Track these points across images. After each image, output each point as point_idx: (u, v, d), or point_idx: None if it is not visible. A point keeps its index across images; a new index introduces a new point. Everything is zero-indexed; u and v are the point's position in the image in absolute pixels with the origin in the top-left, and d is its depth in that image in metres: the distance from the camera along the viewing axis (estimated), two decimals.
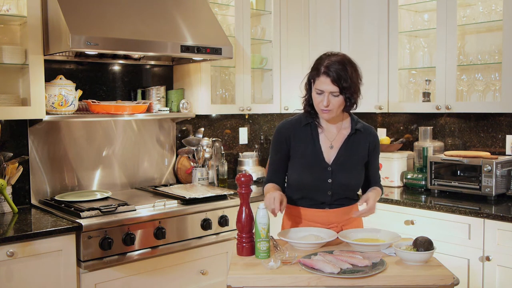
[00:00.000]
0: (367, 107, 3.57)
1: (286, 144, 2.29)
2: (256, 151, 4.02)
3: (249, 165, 3.83)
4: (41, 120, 2.84)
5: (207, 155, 3.47)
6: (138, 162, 3.46)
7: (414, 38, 3.80)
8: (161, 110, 3.32)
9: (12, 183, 2.84)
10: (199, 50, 2.96)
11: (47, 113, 2.82)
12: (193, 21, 3.10)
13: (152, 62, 3.48)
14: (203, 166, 3.50)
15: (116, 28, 2.72)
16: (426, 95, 3.67)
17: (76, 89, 2.95)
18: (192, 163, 3.54)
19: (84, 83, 3.19)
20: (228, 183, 3.67)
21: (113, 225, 2.62)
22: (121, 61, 3.32)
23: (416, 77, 3.81)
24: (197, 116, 3.60)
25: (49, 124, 3.07)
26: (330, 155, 2.26)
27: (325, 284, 1.79)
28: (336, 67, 2.10)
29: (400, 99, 3.76)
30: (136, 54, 3.21)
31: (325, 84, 2.12)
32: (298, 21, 3.86)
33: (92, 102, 3.04)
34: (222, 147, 3.68)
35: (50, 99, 2.83)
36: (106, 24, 2.71)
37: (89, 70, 3.23)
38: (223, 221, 3.03)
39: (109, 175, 3.33)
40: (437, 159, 3.40)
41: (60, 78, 2.90)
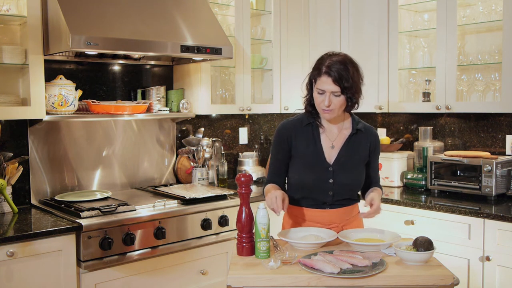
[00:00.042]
0: (367, 107, 3.56)
1: (288, 144, 2.29)
2: (256, 151, 4.02)
3: (249, 165, 3.83)
4: (41, 120, 2.84)
5: (207, 155, 3.47)
6: (138, 162, 3.46)
7: (414, 38, 3.80)
8: (161, 110, 3.32)
9: (12, 183, 2.84)
10: (199, 50, 2.96)
11: (47, 113, 2.82)
12: (193, 21, 3.10)
13: (152, 62, 3.48)
14: (203, 166, 3.49)
15: (116, 28, 2.72)
16: (426, 95, 3.67)
17: (76, 89, 2.95)
18: (192, 163, 3.54)
19: (84, 83, 3.19)
20: (228, 183, 3.67)
21: (113, 225, 2.62)
22: (121, 61, 3.32)
23: (416, 77, 3.80)
24: (197, 116, 3.60)
25: (49, 124, 3.07)
26: (331, 155, 2.26)
27: (325, 284, 1.79)
28: (338, 67, 2.10)
29: (400, 99, 3.76)
30: (136, 54, 3.21)
31: (326, 84, 2.12)
32: (298, 21, 3.86)
33: (92, 102, 3.04)
34: (222, 147, 3.68)
35: (50, 99, 2.83)
36: (106, 24, 2.71)
37: (89, 70, 3.23)
38: (223, 221, 3.03)
39: (109, 175, 3.33)
40: (437, 159, 3.40)
41: (60, 78, 2.90)
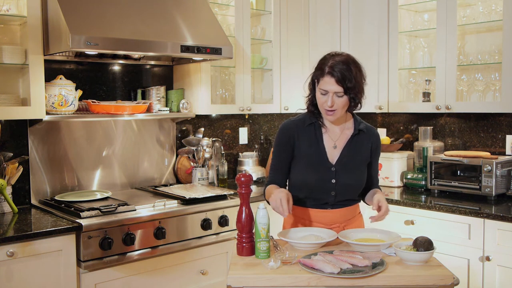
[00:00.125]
0: (367, 107, 3.52)
1: (290, 144, 2.28)
2: (256, 151, 4.02)
3: (249, 165, 3.83)
4: (41, 120, 2.84)
5: (207, 155, 3.47)
6: (138, 162, 3.46)
7: (414, 38, 3.80)
8: (161, 110, 3.32)
9: (12, 183, 2.84)
10: (199, 50, 2.96)
11: (47, 113, 2.82)
12: (193, 21, 3.10)
13: (152, 62, 3.48)
14: (203, 166, 3.49)
15: (116, 28, 2.72)
16: (426, 95, 3.67)
17: (76, 89, 2.95)
18: (192, 163, 3.54)
19: (84, 83, 3.19)
20: (228, 183, 3.67)
21: (113, 225, 2.62)
22: (121, 61, 3.32)
23: (416, 77, 3.80)
24: (197, 116, 3.60)
25: (49, 124, 3.07)
26: (334, 155, 2.25)
27: (325, 284, 1.79)
28: (341, 67, 2.09)
29: (400, 99, 3.76)
30: (136, 54, 3.21)
31: (329, 84, 2.11)
32: (298, 21, 3.86)
33: (92, 102, 3.04)
34: (222, 147, 3.68)
35: (50, 99, 2.83)
36: (106, 24, 2.71)
37: (89, 70, 3.23)
38: (223, 221, 3.03)
39: (109, 175, 3.33)
40: (437, 159, 3.40)
41: (60, 78, 2.89)
